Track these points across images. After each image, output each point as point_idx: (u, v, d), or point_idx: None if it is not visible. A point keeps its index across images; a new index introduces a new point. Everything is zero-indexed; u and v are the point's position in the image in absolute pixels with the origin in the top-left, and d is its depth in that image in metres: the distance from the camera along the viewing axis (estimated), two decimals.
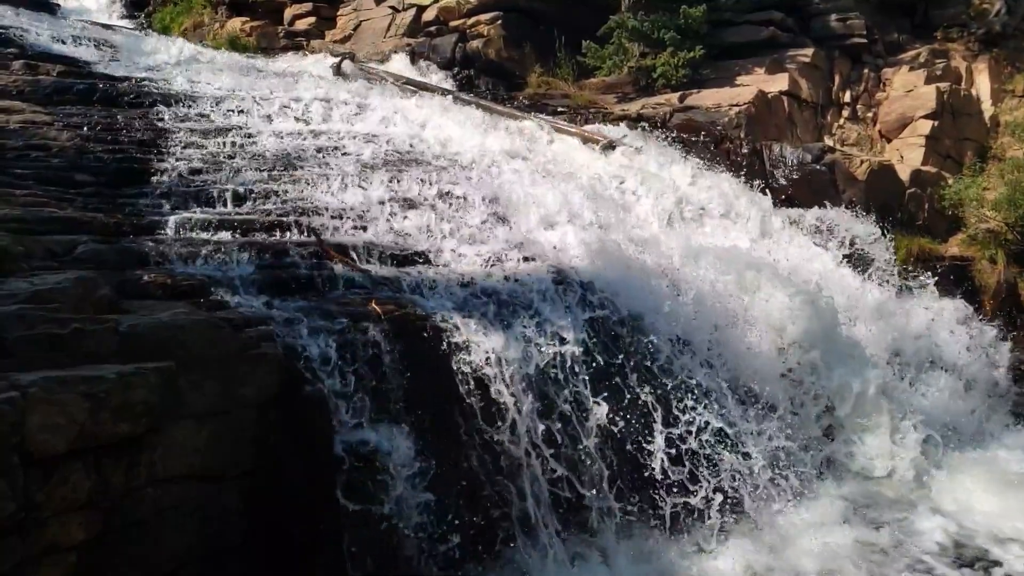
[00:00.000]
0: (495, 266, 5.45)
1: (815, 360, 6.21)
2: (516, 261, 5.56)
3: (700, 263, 6.29)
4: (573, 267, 5.60)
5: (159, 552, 3.12)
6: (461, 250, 5.55)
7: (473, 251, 5.57)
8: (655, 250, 6.29)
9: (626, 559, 4.53)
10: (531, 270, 5.40)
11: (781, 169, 9.21)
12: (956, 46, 11.93)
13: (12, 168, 5.27)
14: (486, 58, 11.60)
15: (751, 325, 6.07)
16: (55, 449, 2.78)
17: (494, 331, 4.60)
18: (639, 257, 6.02)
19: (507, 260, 5.55)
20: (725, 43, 11.06)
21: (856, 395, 6.33)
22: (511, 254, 5.64)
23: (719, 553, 4.68)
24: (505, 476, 4.34)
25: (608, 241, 6.03)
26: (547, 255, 5.77)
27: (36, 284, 3.49)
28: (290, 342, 3.86)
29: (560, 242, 5.94)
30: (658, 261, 6.09)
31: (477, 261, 5.48)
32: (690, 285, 5.91)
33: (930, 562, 4.76)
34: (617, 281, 5.51)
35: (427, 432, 4.12)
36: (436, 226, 5.82)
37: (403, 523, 3.82)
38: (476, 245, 5.70)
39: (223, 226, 5.10)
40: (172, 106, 7.37)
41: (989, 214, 9.36)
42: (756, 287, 6.32)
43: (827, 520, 5.14)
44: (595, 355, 4.96)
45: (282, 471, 3.54)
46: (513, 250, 5.71)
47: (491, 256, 5.56)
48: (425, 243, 5.57)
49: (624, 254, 5.92)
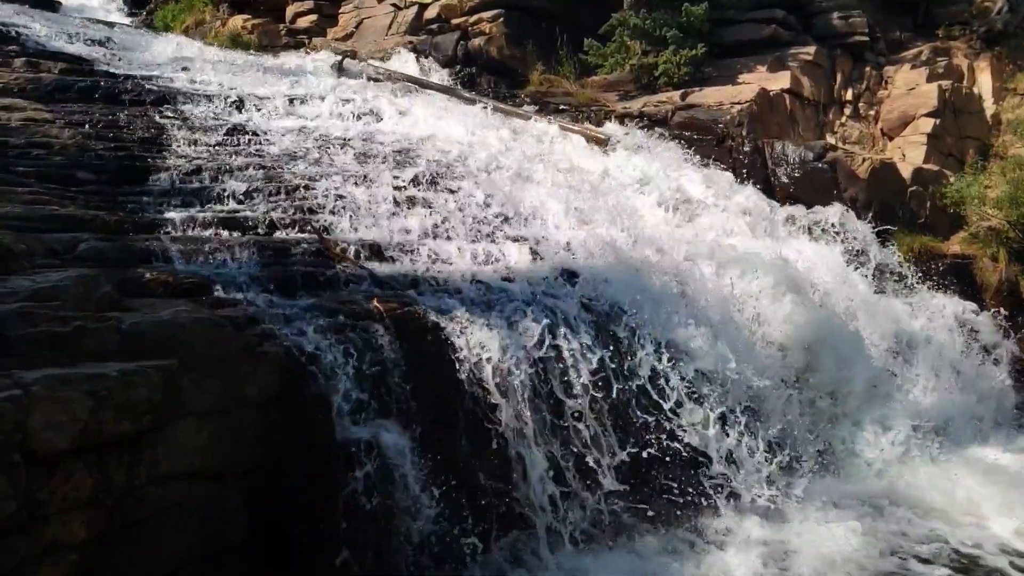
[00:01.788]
0: (498, 264, 5.45)
1: (816, 357, 6.21)
2: (520, 259, 5.55)
3: (703, 262, 6.29)
4: (577, 265, 5.60)
5: (160, 551, 3.12)
6: (464, 248, 5.54)
7: (476, 249, 5.57)
8: (658, 249, 6.28)
9: (628, 553, 4.53)
10: (535, 268, 5.40)
11: (783, 167, 9.20)
12: (958, 44, 11.91)
13: (14, 166, 5.27)
14: (488, 56, 11.59)
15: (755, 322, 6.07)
16: (57, 447, 2.78)
17: (497, 329, 4.60)
18: (643, 255, 6.01)
19: (511, 258, 5.54)
20: (727, 41, 11.04)
21: (856, 392, 6.34)
22: (514, 252, 5.63)
23: (720, 549, 4.67)
24: (508, 472, 4.34)
25: (612, 239, 6.03)
26: (551, 253, 5.77)
27: (38, 282, 3.49)
28: (292, 341, 3.85)
29: (564, 240, 5.94)
30: (662, 260, 6.08)
31: (480, 259, 5.48)
32: (694, 284, 5.90)
33: (931, 561, 4.75)
34: (621, 279, 5.50)
35: (429, 430, 4.12)
36: (439, 224, 5.81)
37: (405, 521, 3.83)
38: (479, 242, 5.70)
39: (225, 224, 5.10)
40: (173, 104, 7.36)
41: (991, 212, 9.34)
42: (761, 285, 6.32)
43: (826, 518, 5.13)
44: (599, 352, 4.96)
45: (283, 470, 3.54)
46: (517, 247, 5.71)
47: (494, 254, 5.56)
48: (427, 241, 5.56)
49: (628, 252, 5.91)
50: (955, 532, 5.16)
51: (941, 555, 4.85)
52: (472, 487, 4.24)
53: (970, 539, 5.10)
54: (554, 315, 4.97)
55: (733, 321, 5.95)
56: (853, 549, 4.79)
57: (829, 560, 4.65)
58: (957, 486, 5.76)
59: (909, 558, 4.78)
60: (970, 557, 4.90)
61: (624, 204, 7.47)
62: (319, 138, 7.11)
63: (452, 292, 4.94)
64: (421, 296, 4.78)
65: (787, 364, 6.10)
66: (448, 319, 4.52)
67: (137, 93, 7.39)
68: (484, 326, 4.58)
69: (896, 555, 4.80)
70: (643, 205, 7.65)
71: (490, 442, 4.35)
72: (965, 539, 5.09)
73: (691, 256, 6.33)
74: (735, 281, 6.30)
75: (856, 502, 5.42)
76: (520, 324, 4.78)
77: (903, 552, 4.84)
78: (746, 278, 6.36)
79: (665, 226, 7.34)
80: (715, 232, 7.39)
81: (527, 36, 11.66)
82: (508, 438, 4.38)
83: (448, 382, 4.33)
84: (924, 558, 4.80)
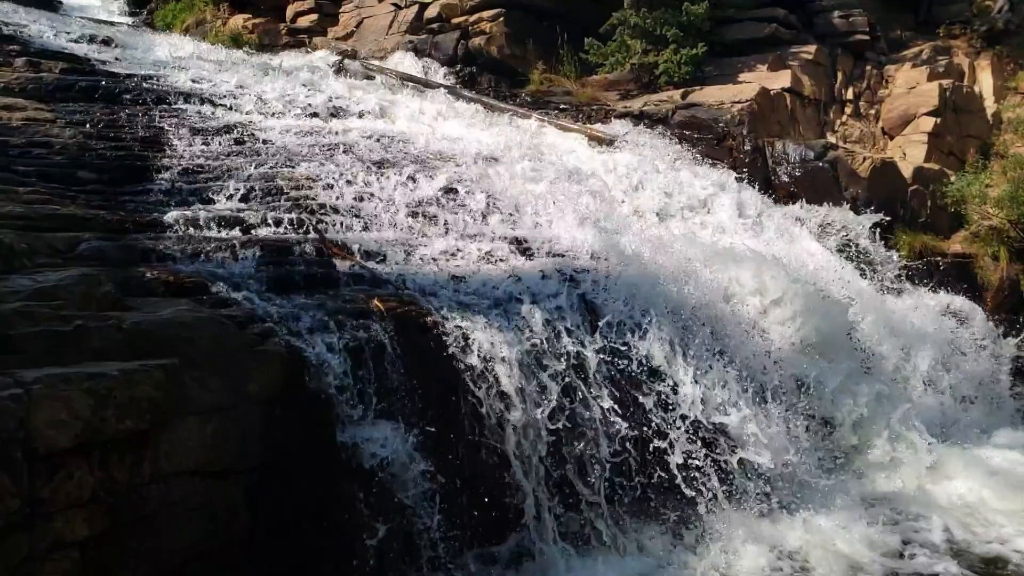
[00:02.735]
0: (499, 263, 5.45)
1: (820, 357, 6.21)
2: (521, 258, 5.56)
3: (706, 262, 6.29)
4: (578, 264, 5.60)
5: (164, 548, 3.12)
6: (464, 247, 5.54)
7: (477, 247, 5.57)
8: (660, 247, 6.28)
9: (631, 552, 4.53)
10: (536, 267, 5.40)
11: (783, 166, 9.20)
12: (959, 43, 11.92)
13: (15, 165, 5.27)
14: (488, 55, 11.59)
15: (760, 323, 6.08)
16: (60, 445, 2.79)
17: (498, 327, 4.60)
18: (645, 255, 6.01)
19: (512, 257, 5.55)
20: (728, 40, 11.04)
21: (859, 392, 6.33)
22: (516, 251, 5.64)
23: (723, 547, 4.67)
24: (509, 469, 4.34)
25: (613, 238, 6.03)
26: (552, 252, 5.77)
27: (39, 281, 3.50)
28: (293, 339, 3.86)
29: (565, 239, 5.94)
30: (665, 259, 6.08)
31: (481, 258, 5.48)
32: (697, 284, 5.91)
33: (934, 560, 4.75)
34: (623, 278, 5.50)
35: (431, 427, 4.12)
36: (440, 223, 5.81)
37: (408, 517, 3.83)
38: (480, 242, 5.70)
39: (225, 223, 5.11)
40: (174, 103, 7.37)
41: (992, 211, 9.34)
42: (765, 286, 6.32)
43: (829, 517, 5.13)
44: (600, 352, 4.96)
45: (287, 467, 3.55)
46: (518, 247, 5.71)
47: (495, 253, 5.56)
48: (428, 240, 5.56)
49: (630, 252, 5.91)
50: (959, 530, 5.15)
51: (946, 553, 4.85)
52: (473, 486, 4.24)
53: (975, 537, 5.10)
54: (556, 314, 4.97)
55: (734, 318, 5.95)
56: (856, 548, 4.79)
57: (832, 560, 4.65)
58: (960, 485, 5.76)
59: (914, 557, 4.78)
60: (976, 555, 4.89)
61: (624, 203, 7.48)
62: (319, 137, 7.10)
63: (453, 291, 4.94)
64: (422, 295, 4.78)
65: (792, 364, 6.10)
66: (449, 318, 4.53)
67: (138, 92, 7.39)
68: (485, 325, 4.58)
69: (901, 554, 4.80)
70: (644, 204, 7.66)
71: (491, 441, 4.35)
72: (969, 537, 5.09)
73: (695, 257, 6.34)
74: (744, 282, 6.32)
75: (859, 502, 5.42)
76: (521, 323, 4.78)
77: (908, 551, 4.84)
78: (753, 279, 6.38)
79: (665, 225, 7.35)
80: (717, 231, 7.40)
81: (527, 35, 11.67)
82: (509, 437, 4.38)
83: (449, 381, 4.33)
84: (929, 556, 4.79)
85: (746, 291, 6.22)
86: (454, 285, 5.03)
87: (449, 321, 4.51)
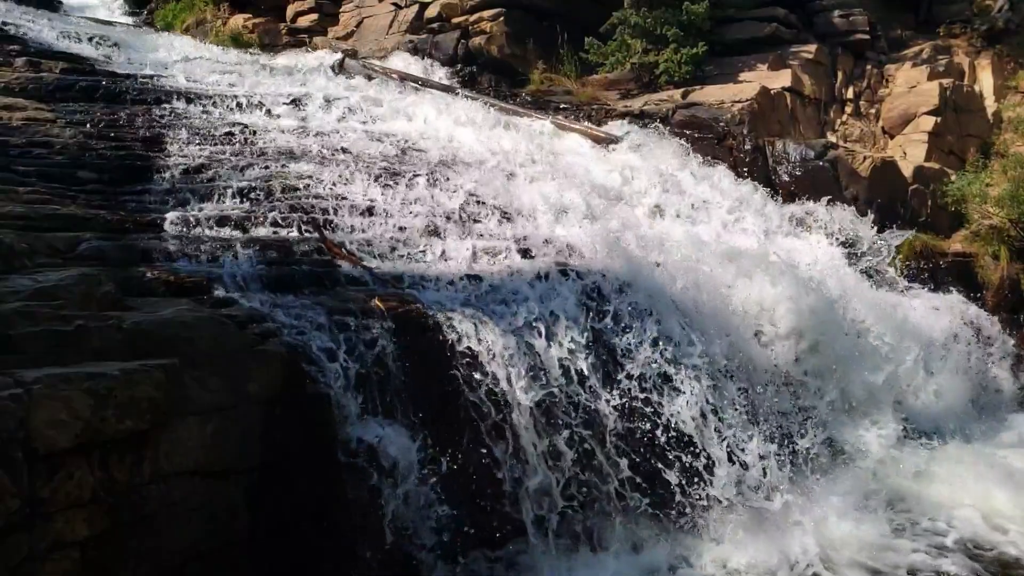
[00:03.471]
0: (500, 262, 5.45)
1: (818, 354, 6.21)
2: (521, 257, 5.56)
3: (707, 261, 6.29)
4: (578, 263, 5.60)
5: (164, 548, 3.12)
6: (465, 246, 5.54)
7: (477, 247, 5.57)
8: (662, 247, 6.28)
9: (629, 551, 4.53)
10: (536, 266, 5.40)
11: (784, 166, 9.20)
12: (959, 42, 11.91)
13: (15, 165, 5.27)
14: (489, 55, 11.59)
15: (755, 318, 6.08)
16: (60, 445, 2.79)
17: (498, 327, 4.60)
18: (646, 254, 6.01)
19: (512, 256, 5.54)
20: (728, 39, 11.04)
21: (859, 389, 6.34)
22: (516, 250, 5.64)
23: (722, 546, 4.67)
24: (509, 470, 4.34)
25: (614, 237, 6.03)
26: (552, 251, 5.77)
27: (40, 281, 3.50)
28: (293, 339, 3.86)
29: (566, 238, 5.93)
30: (666, 259, 6.08)
31: (482, 257, 5.48)
32: (696, 281, 5.91)
33: (933, 556, 4.75)
34: (624, 278, 5.50)
35: (431, 427, 4.12)
36: (440, 222, 5.81)
37: (407, 518, 3.83)
38: (481, 240, 5.70)
39: (226, 223, 5.10)
40: (175, 103, 7.36)
41: (992, 210, 9.35)
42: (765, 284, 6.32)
43: (829, 514, 5.13)
44: (600, 351, 4.96)
45: (287, 467, 3.54)
46: (518, 246, 5.71)
47: (496, 252, 5.56)
48: (429, 239, 5.56)
49: (631, 251, 5.91)
50: (962, 526, 5.16)
51: (951, 550, 4.85)
52: (474, 486, 4.24)
53: (978, 533, 5.10)
54: (556, 313, 4.97)
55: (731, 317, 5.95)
56: (858, 546, 4.79)
57: (835, 558, 4.65)
58: (963, 481, 5.75)
59: (918, 553, 4.78)
60: (980, 551, 4.90)
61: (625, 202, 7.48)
62: (319, 137, 7.10)
63: (453, 290, 4.94)
64: (422, 294, 4.78)
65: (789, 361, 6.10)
66: (449, 317, 4.53)
67: (138, 92, 7.39)
68: (486, 325, 4.58)
69: (903, 551, 4.80)
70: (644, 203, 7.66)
71: (492, 441, 4.35)
72: (973, 533, 5.09)
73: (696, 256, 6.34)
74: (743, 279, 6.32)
75: (860, 499, 5.41)
76: (522, 323, 4.78)
77: (911, 548, 4.84)
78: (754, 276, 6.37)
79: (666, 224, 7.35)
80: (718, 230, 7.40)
81: (528, 35, 11.67)
82: (510, 437, 4.38)
83: (449, 380, 4.33)
84: (934, 553, 4.80)
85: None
86: (457, 284, 5.03)
87: (450, 321, 4.51)
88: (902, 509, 5.38)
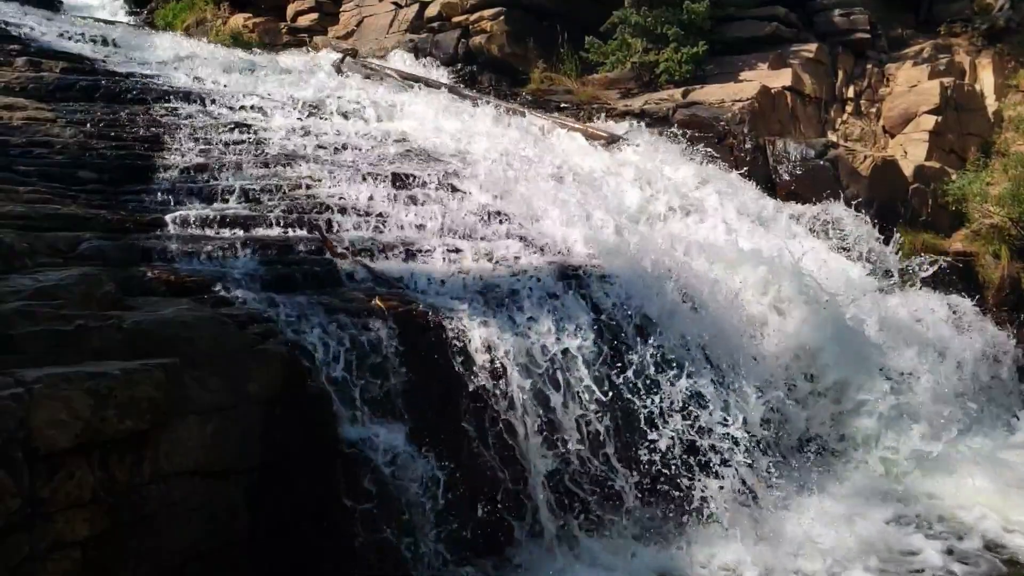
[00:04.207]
0: (501, 262, 5.45)
1: (818, 353, 6.20)
2: (522, 257, 5.55)
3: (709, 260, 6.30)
4: (580, 263, 5.60)
5: (165, 548, 3.12)
6: (466, 246, 5.54)
7: (478, 247, 5.57)
8: (662, 247, 6.28)
9: (630, 551, 4.53)
10: (537, 266, 5.40)
11: (784, 165, 9.21)
12: (960, 41, 11.90)
13: (15, 165, 5.26)
14: (489, 54, 11.60)
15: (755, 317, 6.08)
16: (60, 445, 2.78)
17: (499, 327, 4.60)
18: (647, 254, 6.00)
19: (513, 256, 5.54)
20: (728, 38, 11.04)
21: (859, 388, 6.33)
22: (517, 250, 5.63)
23: (722, 548, 4.67)
24: (511, 472, 4.34)
25: (616, 237, 6.02)
26: (553, 251, 5.77)
27: (40, 280, 3.49)
28: (294, 338, 3.86)
29: (567, 238, 5.93)
30: (666, 259, 6.07)
31: (483, 257, 5.48)
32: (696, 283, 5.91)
33: (942, 557, 4.75)
34: (625, 277, 5.50)
35: (431, 428, 4.12)
36: (441, 222, 5.81)
37: (408, 518, 3.83)
38: (482, 241, 5.70)
39: (226, 222, 5.10)
40: (175, 102, 7.36)
41: (993, 209, 9.35)
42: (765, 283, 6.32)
43: (829, 514, 5.13)
44: (602, 351, 4.96)
45: (288, 467, 3.54)
46: (519, 246, 5.71)
47: (497, 252, 5.56)
48: (430, 239, 5.56)
49: (632, 251, 5.91)
50: (964, 526, 5.17)
51: (960, 551, 4.86)
52: (475, 486, 4.24)
53: (978, 532, 5.10)
54: (557, 313, 4.97)
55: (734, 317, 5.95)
56: (861, 544, 4.79)
57: (840, 559, 4.65)
58: (964, 481, 5.75)
59: (919, 552, 4.78)
60: (980, 549, 4.91)
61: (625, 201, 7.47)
62: (320, 137, 7.10)
63: (454, 289, 4.94)
64: (423, 294, 4.78)
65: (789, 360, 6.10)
66: (450, 317, 4.53)
67: (139, 92, 7.38)
68: (487, 324, 4.58)
69: (911, 551, 4.80)
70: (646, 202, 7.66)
71: (493, 441, 4.35)
72: (983, 533, 5.09)
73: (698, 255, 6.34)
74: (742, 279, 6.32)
75: (863, 498, 5.42)
76: (523, 323, 4.78)
77: (919, 548, 4.84)
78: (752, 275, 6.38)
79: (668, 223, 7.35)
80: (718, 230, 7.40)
81: (528, 34, 11.67)
82: (511, 437, 4.38)
83: (450, 380, 4.33)
84: (943, 554, 4.80)
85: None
86: (458, 284, 5.02)
87: (452, 320, 4.51)
88: (909, 509, 5.38)
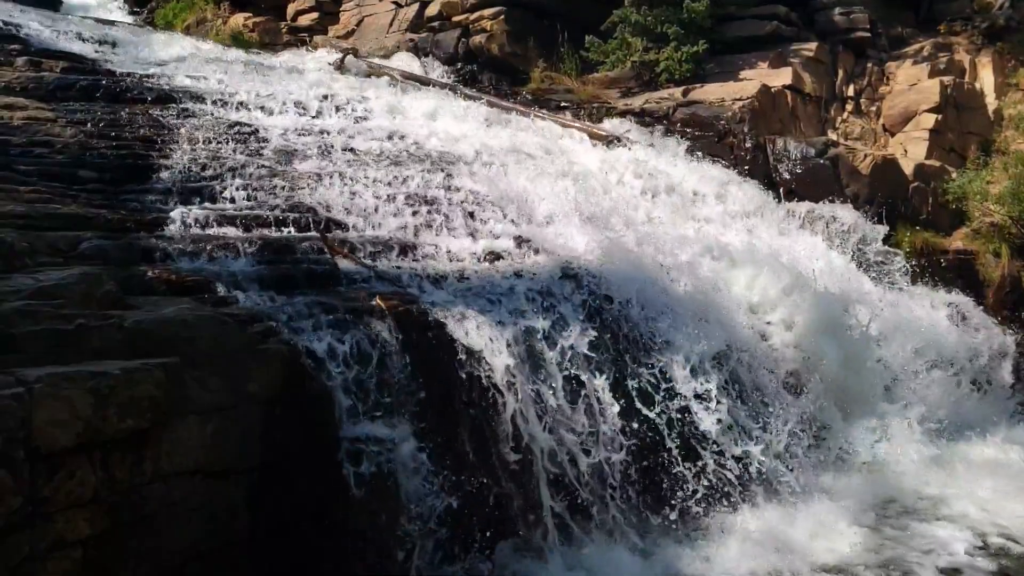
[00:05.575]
0: (501, 261, 5.45)
1: (819, 353, 6.21)
2: (522, 256, 5.55)
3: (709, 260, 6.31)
4: (580, 263, 5.60)
5: (165, 547, 3.13)
6: (466, 245, 5.54)
7: (478, 246, 5.57)
8: (663, 247, 6.28)
9: (626, 553, 4.53)
10: (537, 265, 5.40)
11: (785, 163, 9.20)
12: (960, 40, 11.89)
13: (16, 164, 5.26)
14: (489, 53, 11.59)
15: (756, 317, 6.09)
16: (61, 444, 2.79)
17: (499, 326, 4.60)
18: (647, 254, 6.01)
19: (513, 255, 5.54)
20: (728, 37, 11.04)
21: (859, 388, 6.34)
22: (517, 249, 5.63)
23: (722, 549, 4.67)
24: (511, 470, 4.35)
25: (616, 237, 6.02)
26: (553, 250, 5.77)
27: (40, 280, 3.50)
28: (294, 338, 3.86)
29: (567, 237, 5.93)
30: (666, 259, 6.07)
31: (482, 256, 5.48)
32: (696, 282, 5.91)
33: (935, 556, 4.75)
34: (624, 277, 5.50)
35: (432, 427, 4.12)
36: (441, 221, 5.81)
37: (408, 517, 3.83)
38: (481, 240, 5.70)
39: (227, 222, 5.10)
40: (175, 102, 7.35)
41: (993, 208, 9.34)
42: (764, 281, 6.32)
43: (830, 514, 5.13)
44: (600, 350, 4.96)
45: (287, 467, 3.55)
46: (519, 245, 5.71)
47: (496, 251, 5.56)
48: (430, 238, 5.56)
49: (632, 251, 5.91)
50: (959, 525, 5.16)
51: (957, 552, 4.85)
52: (476, 484, 4.24)
53: (975, 531, 5.10)
54: (558, 312, 4.97)
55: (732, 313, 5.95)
56: (857, 543, 4.79)
57: (835, 555, 4.65)
58: (959, 480, 5.75)
59: (914, 551, 4.78)
60: (978, 548, 4.90)
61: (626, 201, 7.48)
62: (320, 136, 7.09)
63: (455, 289, 4.94)
64: (423, 293, 4.78)
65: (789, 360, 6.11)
66: (451, 316, 4.53)
67: (139, 91, 7.37)
68: (487, 323, 4.58)
69: (901, 548, 4.81)
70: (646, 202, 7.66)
71: (494, 440, 4.35)
72: (981, 533, 5.09)
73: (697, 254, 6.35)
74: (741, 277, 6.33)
75: (857, 497, 5.41)
76: (524, 321, 4.78)
77: (908, 545, 4.84)
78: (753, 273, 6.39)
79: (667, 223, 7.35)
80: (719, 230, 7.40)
81: (528, 33, 11.67)
82: (511, 435, 4.38)
83: (451, 379, 4.33)
84: (928, 550, 4.80)
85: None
86: (458, 283, 5.03)
87: (452, 319, 4.50)
88: (908, 509, 5.38)
